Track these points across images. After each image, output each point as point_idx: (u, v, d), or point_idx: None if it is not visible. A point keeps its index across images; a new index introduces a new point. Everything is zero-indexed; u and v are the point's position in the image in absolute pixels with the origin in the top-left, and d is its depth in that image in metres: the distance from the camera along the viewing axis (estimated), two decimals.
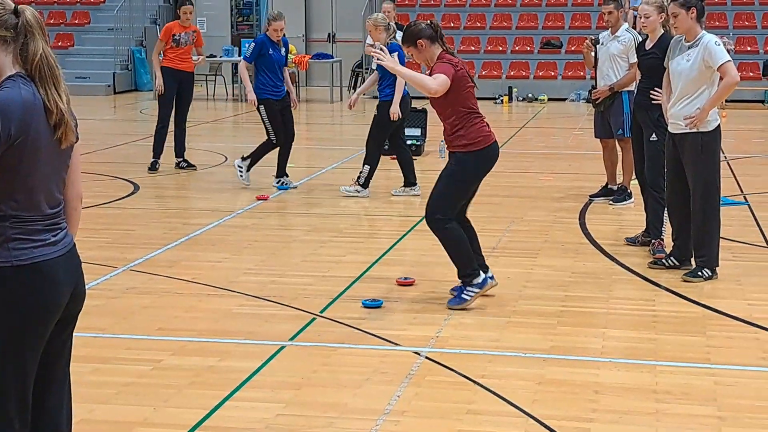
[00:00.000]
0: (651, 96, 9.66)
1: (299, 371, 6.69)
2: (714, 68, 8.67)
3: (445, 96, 7.93)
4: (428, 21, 8.20)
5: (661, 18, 9.74)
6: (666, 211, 9.47)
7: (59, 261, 4.00)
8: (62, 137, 3.96)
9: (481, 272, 8.16)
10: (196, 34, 14.95)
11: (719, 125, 8.85)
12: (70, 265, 4.07)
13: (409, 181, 12.96)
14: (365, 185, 12.80)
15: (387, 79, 12.61)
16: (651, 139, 9.72)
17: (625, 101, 11.81)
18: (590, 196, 12.57)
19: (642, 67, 10.09)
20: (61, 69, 4.02)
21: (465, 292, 8.11)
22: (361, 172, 12.78)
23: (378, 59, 8.04)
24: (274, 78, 13.16)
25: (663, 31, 9.85)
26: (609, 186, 12.51)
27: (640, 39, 10.71)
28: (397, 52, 12.10)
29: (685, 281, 8.82)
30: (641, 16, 9.97)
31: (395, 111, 12.49)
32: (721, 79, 8.69)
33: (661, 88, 9.39)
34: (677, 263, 9.18)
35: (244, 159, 13.33)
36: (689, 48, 8.81)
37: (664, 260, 9.28)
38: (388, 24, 12.61)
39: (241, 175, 13.29)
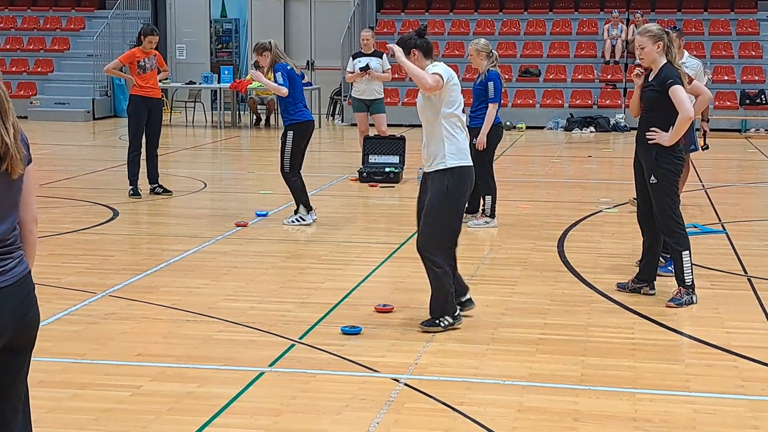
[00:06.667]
0: (647, 136, 8.98)
1: (278, 398, 6.67)
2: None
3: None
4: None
5: (658, 47, 8.92)
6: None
7: (6, 291, 3.95)
8: (8, 169, 3.93)
9: None
10: (157, 57, 15.20)
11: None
12: (18, 295, 4.00)
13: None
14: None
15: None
16: (651, 181, 9.00)
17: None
18: None
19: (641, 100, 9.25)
20: (11, 102, 3.99)
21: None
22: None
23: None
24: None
25: (665, 61, 8.99)
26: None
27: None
28: (492, 82, 12.22)
29: (668, 306, 8.90)
30: (637, 47, 9.12)
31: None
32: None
33: (659, 126, 8.90)
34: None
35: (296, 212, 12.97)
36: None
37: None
38: (491, 51, 12.53)
39: (301, 220, 12.90)
